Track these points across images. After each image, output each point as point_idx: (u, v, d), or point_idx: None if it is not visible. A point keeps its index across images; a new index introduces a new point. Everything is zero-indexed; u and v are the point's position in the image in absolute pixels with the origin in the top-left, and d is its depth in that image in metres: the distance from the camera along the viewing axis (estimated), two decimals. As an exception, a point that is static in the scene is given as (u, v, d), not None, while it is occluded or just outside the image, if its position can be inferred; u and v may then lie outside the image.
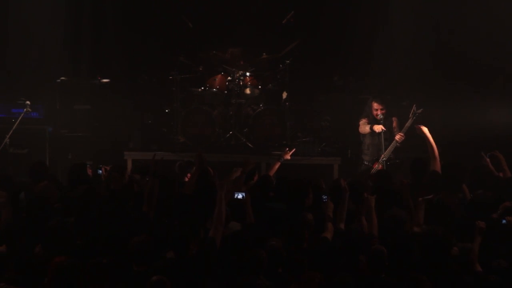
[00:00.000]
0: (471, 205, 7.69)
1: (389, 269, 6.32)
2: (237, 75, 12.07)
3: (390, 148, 10.54)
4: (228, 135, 12.09)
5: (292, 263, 6.33)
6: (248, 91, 12.13)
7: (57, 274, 5.91)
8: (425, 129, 9.58)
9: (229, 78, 12.12)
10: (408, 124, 10.37)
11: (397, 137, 10.51)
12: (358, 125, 11.02)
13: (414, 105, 10.36)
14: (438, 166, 9.03)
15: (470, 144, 11.35)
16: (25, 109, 11.35)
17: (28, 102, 11.39)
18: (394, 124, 10.84)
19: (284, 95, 12.28)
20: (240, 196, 7.79)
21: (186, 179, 9.01)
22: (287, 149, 10.14)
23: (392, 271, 6.32)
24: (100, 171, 9.05)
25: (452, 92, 12.42)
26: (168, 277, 5.93)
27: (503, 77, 12.35)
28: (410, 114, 10.33)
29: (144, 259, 6.31)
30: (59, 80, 12.48)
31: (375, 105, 10.82)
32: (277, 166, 9.52)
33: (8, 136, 11.25)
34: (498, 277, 6.22)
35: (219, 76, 12.22)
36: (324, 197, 7.50)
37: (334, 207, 7.26)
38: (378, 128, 10.70)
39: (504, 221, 7.23)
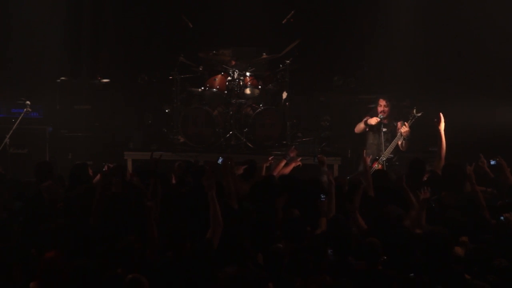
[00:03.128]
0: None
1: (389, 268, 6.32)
2: (237, 75, 12.07)
3: (389, 148, 10.54)
4: (228, 135, 12.09)
5: (297, 262, 6.32)
6: (248, 91, 12.13)
7: (48, 269, 5.87)
8: (442, 127, 9.49)
9: (229, 78, 12.12)
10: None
11: (403, 130, 10.47)
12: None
13: (414, 108, 10.36)
14: (441, 167, 9.03)
15: (472, 144, 11.34)
16: (25, 109, 11.37)
17: (28, 102, 11.41)
18: (399, 127, 10.82)
19: (284, 95, 12.27)
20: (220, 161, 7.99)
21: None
22: (293, 147, 9.94)
23: (393, 271, 6.31)
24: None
25: (453, 93, 12.41)
26: (164, 276, 5.90)
27: (507, 77, 12.35)
28: (410, 116, 10.34)
29: (130, 261, 6.15)
30: (59, 80, 12.49)
31: (380, 101, 10.85)
32: (282, 164, 9.39)
33: (8, 136, 11.27)
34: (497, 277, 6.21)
35: (219, 76, 12.21)
36: (323, 196, 7.53)
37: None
38: (372, 120, 10.71)
39: (502, 218, 7.23)
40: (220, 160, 8.75)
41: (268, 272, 6.13)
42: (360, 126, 10.98)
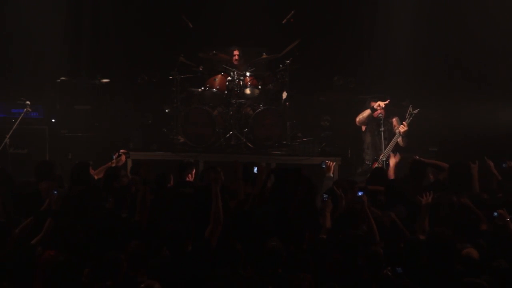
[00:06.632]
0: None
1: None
2: (237, 75, 12.06)
3: (389, 147, 10.55)
4: (228, 135, 12.08)
5: (295, 263, 6.29)
6: (248, 91, 12.12)
7: (49, 268, 5.86)
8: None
9: (229, 78, 12.11)
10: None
11: (401, 128, 10.49)
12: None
13: (411, 105, 10.39)
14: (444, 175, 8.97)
15: (473, 144, 11.33)
16: (25, 109, 11.38)
17: (28, 102, 11.42)
18: (395, 123, 10.85)
19: (284, 95, 12.27)
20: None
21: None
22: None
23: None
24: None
25: (453, 92, 12.41)
26: (163, 276, 5.88)
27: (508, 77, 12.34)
28: (407, 114, 10.36)
29: (138, 264, 6.11)
30: (59, 80, 12.48)
31: (373, 104, 10.85)
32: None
33: (8, 136, 11.27)
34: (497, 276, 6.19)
35: (219, 76, 12.21)
36: (325, 196, 7.41)
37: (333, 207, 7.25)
38: (376, 104, 10.71)
39: (495, 214, 7.20)
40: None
41: (264, 271, 6.11)
42: (363, 115, 10.91)
